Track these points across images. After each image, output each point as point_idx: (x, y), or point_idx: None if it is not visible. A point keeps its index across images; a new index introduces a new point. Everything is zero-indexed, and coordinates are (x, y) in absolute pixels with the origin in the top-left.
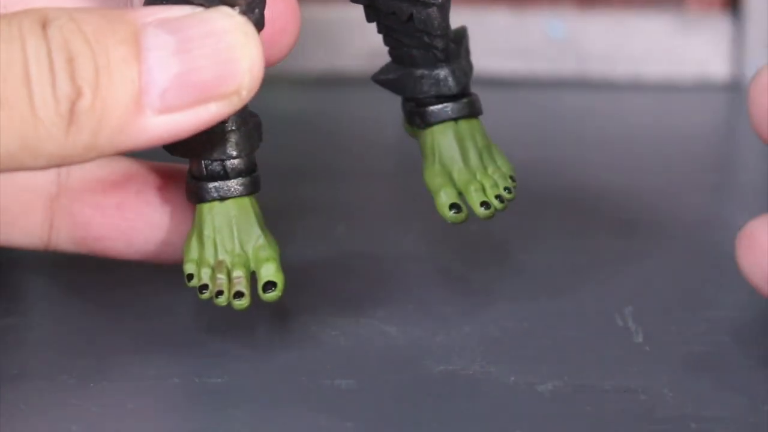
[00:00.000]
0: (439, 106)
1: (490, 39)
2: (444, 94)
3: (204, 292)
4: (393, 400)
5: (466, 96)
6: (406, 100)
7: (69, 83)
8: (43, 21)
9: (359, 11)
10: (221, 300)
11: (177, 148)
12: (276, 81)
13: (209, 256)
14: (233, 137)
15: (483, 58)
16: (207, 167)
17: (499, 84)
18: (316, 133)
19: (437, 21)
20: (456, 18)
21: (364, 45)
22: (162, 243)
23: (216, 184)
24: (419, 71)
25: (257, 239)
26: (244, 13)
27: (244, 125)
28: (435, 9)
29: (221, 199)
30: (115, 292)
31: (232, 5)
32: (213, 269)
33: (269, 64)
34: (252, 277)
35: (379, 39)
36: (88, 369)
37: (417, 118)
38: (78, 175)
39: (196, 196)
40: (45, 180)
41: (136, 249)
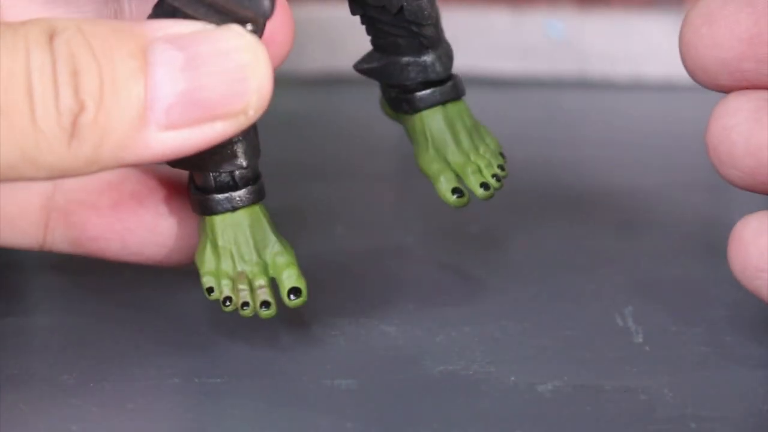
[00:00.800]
0: (427, 91)
1: (490, 39)
2: (431, 79)
3: (228, 304)
4: (393, 400)
5: (450, 79)
6: (389, 86)
7: (72, 96)
8: (51, 32)
9: None
10: (247, 311)
11: (181, 162)
12: (276, 81)
13: (227, 267)
14: (241, 147)
15: (483, 58)
16: (216, 179)
17: (499, 84)
18: (315, 133)
19: (427, 11)
20: (456, 18)
21: (364, 45)
22: (157, 245)
23: (226, 195)
24: (405, 58)
25: (273, 245)
26: (254, 32)
27: (247, 135)
28: (425, 0)
29: (233, 210)
30: (115, 292)
31: (244, 23)
32: (233, 280)
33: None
34: (272, 284)
35: None
36: (88, 369)
37: (404, 104)
38: None
39: (205, 208)
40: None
41: (131, 250)
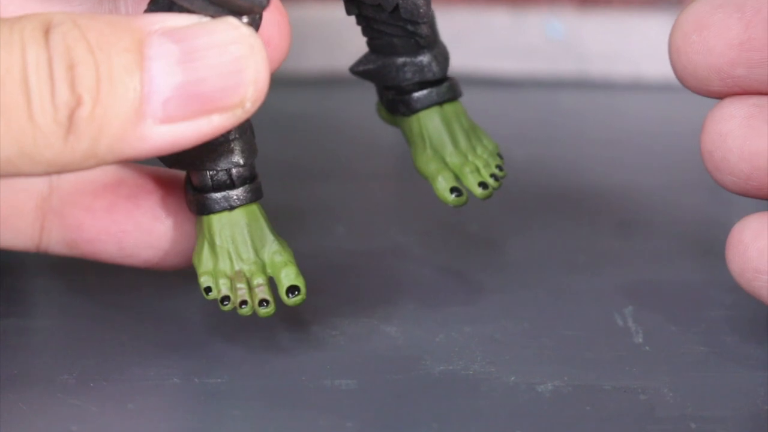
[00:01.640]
0: (424, 92)
1: (489, 39)
2: (428, 80)
3: (226, 303)
4: (393, 400)
5: (447, 79)
6: (385, 88)
7: (68, 91)
8: (46, 27)
9: None
10: (245, 310)
11: (178, 160)
12: (276, 81)
13: (225, 266)
14: (238, 145)
15: (483, 58)
16: (213, 177)
17: (499, 84)
18: (315, 133)
19: (423, 9)
20: (456, 18)
21: (362, 45)
22: (153, 247)
23: (223, 194)
24: (401, 59)
25: (271, 244)
26: (250, 25)
27: (244, 132)
28: None
29: (230, 209)
30: (115, 293)
31: (240, 15)
32: (231, 279)
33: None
34: (271, 283)
35: None
36: (87, 369)
37: (401, 105)
38: (70, 177)
39: (202, 207)
40: (37, 181)
41: (126, 253)
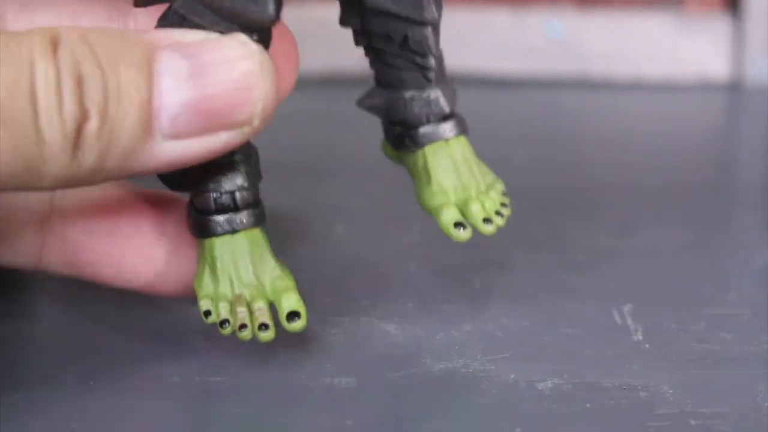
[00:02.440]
0: (431, 126)
1: (490, 39)
2: (435, 113)
3: (225, 326)
4: (393, 398)
5: (454, 115)
6: (391, 123)
7: (76, 106)
8: (54, 41)
9: None
10: (245, 333)
11: (182, 183)
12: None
13: (225, 290)
14: (243, 168)
15: (483, 58)
16: (216, 200)
17: (499, 84)
18: (316, 133)
19: (432, 40)
20: (456, 18)
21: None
22: (152, 273)
23: (226, 216)
24: (409, 93)
25: (273, 270)
26: (260, 42)
27: (249, 156)
28: (430, 28)
29: (233, 232)
30: (115, 292)
31: (250, 31)
32: (231, 303)
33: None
34: (272, 308)
35: None
36: (88, 368)
37: (407, 140)
38: (72, 198)
39: (205, 230)
40: (39, 200)
41: (125, 278)
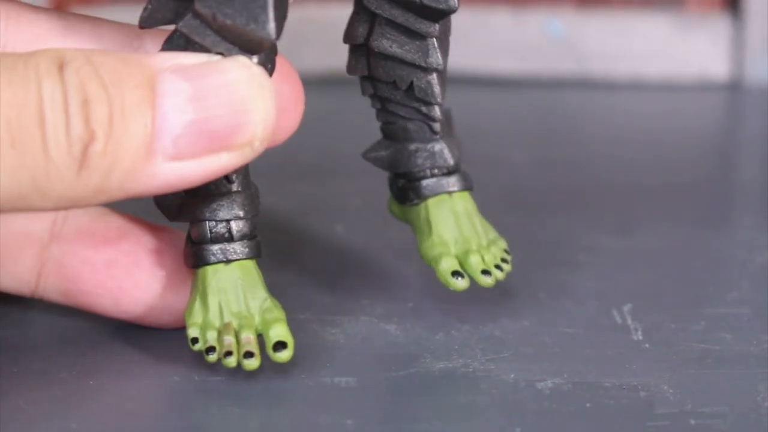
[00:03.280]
0: (434, 179)
1: (490, 39)
2: (439, 166)
3: (211, 354)
4: (393, 397)
5: (459, 170)
6: (396, 177)
7: (83, 126)
8: (60, 62)
9: None
10: (230, 361)
11: (180, 213)
12: None
13: (214, 318)
14: (239, 198)
15: (484, 57)
16: (212, 229)
17: (499, 84)
18: (316, 133)
19: (437, 88)
20: (456, 18)
21: None
22: (149, 306)
23: (220, 246)
24: (413, 145)
25: (264, 301)
26: (262, 64)
27: (248, 188)
28: (435, 75)
29: (226, 262)
30: None
31: (251, 52)
32: (219, 332)
33: (274, 143)
34: (260, 339)
35: None
36: (87, 368)
37: (410, 193)
38: (72, 226)
39: (198, 259)
40: (39, 227)
41: (122, 309)
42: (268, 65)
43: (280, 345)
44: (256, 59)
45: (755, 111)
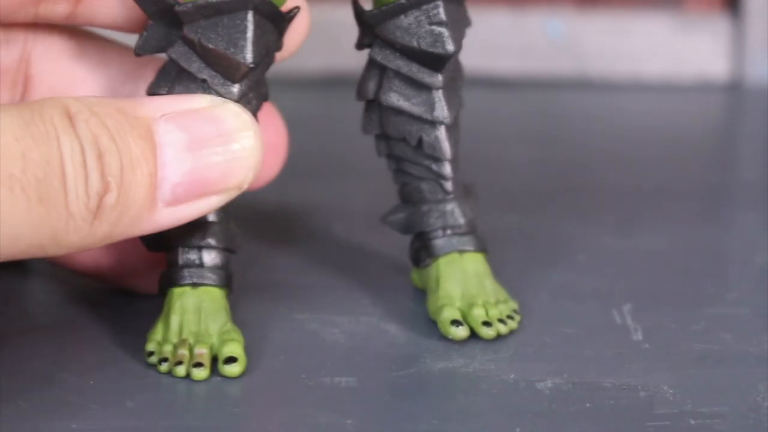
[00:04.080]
0: (445, 238)
1: (489, 38)
2: (450, 225)
3: (163, 364)
4: (393, 397)
5: (474, 232)
6: (414, 239)
7: (100, 179)
8: (69, 114)
9: None
10: (179, 369)
11: (160, 243)
12: (276, 81)
13: (173, 335)
14: (213, 228)
15: (483, 57)
16: (183, 254)
17: (500, 83)
18: (315, 133)
19: (445, 143)
20: None
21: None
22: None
23: (190, 270)
24: (426, 206)
25: (223, 325)
26: (245, 94)
27: (225, 222)
28: (444, 130)
29: (193, 285)
30: (115, 291)
31: (232, 75)
32: (174, 346)
33: (256, 186)
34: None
35: None
36: (87, 367)
37: (423, 253)
38: None
39: (167, 281)
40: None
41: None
42: (249, 94)
43: (231, 360)
44: (236, 87)
45: (755, 111)
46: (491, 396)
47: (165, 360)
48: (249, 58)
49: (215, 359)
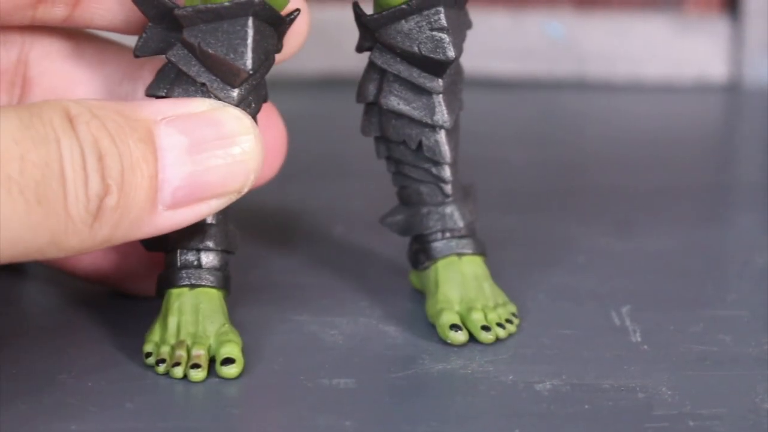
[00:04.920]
0: (444, 241)
1: (489, 40)
2: (449, 228)
3: (161, 365)
4: (392, 399)
5: (472, 236)
6: (413, 241)
7: (100, 182)
8: (69, 116)
9: None
10: (177, 371)
11: (159, 244)
12: (276, 81)
13: (170, 337)
14: (212, 230)
15: (483, 59)
16: (181, 256)
17: (499, 84)
18: (315, 133)
19: (445, 147)
20: None
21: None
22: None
23: (188, 271)
24: (425, 208)
25: (221, 326)
26: (244, 98)
27: (224, 224)
28: (443, 134)
29: (191, 287)
30: (114, 293)
31: (231, 80)
32: (172, 347)
33: (255, 185)
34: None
35: None
36: (86, 369)
37: (422, 255)
38: None
39: (165, 282)
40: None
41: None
42: (249, 97)
43: (228, 361)
44: (236, 92)
45: (754, 112)
46: (490, 397)
47: (162, 361)
48: (249, 64)
49: (213, 360)
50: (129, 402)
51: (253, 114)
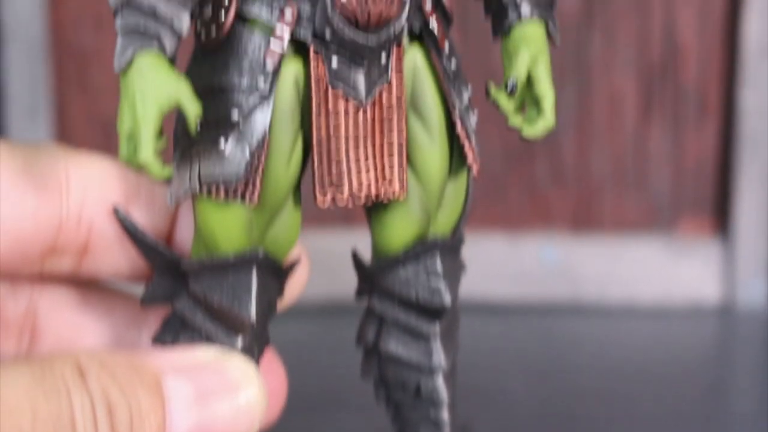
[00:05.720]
0: None
1: (486, 265)
2: None
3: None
4: None
5: None
6: None
7: None
8: (80, 369)
9: None
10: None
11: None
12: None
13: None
14: None
15: (479, 283)
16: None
17: (495, 310)
18: (316, 365)
19: (443, 390)
20: None
21: None
22: None
23: None
24: None
25: None
26: (248, 346)
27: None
28: (441, 377)
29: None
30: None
31: (235, 329)
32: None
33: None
34: None
35: None
36: None
37: None
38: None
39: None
40: None
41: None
42: (252, 345)
43: None
44: (240, 341)
45: (747, 335)
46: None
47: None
48: (253, 316)
49: None
50: None
51: (256, 360)
